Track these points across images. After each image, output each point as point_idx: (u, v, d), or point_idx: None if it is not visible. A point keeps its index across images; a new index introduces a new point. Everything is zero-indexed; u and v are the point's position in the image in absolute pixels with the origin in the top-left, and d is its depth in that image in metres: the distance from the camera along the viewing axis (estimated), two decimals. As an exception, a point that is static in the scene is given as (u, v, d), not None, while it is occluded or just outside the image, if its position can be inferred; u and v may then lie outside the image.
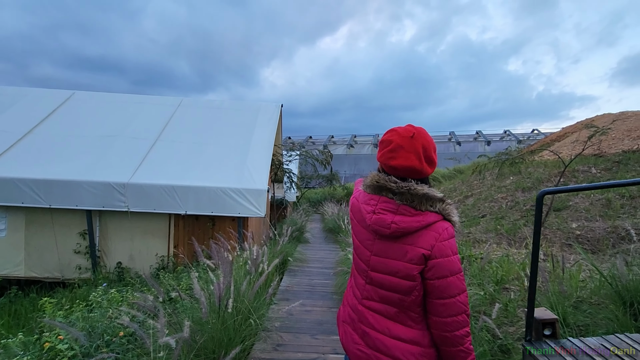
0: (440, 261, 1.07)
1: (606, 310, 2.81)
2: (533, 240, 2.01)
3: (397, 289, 1.13)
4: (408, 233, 1.10)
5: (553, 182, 8.77)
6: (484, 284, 3.83)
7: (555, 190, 1.95)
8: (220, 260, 2.53)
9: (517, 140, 29.52)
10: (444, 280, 1.07)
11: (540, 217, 1.98)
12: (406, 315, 1.15)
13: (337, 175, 14.67)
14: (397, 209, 1.12)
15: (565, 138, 14.52)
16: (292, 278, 5.45)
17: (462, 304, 1.09)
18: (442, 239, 1.08)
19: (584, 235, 5.57)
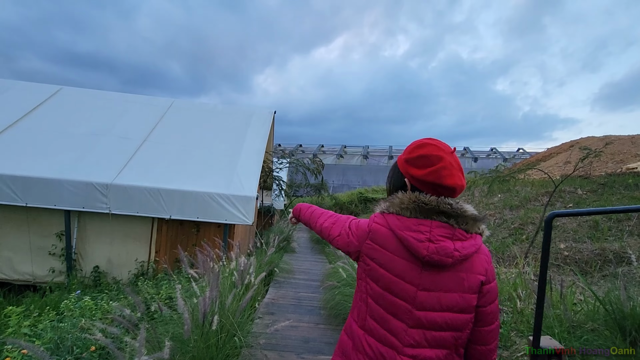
0: (492, 285, 1.02)
1: (602, 337, 2.76)
2: (541, 266, 1.92)
3: (453, 325, 0.97)
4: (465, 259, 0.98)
5: (540, 201, 8.87)
6: (476, 304, 3.74)
7: (564, 213, 1.87)
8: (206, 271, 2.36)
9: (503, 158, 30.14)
10: (494, 305, 1.03)
11: (549, 240, 1.90)
12: (456, 355, 1.01)
13: (326, 185, 14.57)
14: (454, 234, 0.98)
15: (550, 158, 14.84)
16: (277, 290, 5.27)
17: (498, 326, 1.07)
18: (490, 261, 1.03)
19: (572, 257, 5.58)
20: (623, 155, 11.45)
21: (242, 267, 3.24)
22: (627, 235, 5.79)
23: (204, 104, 8.40)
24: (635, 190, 7.98)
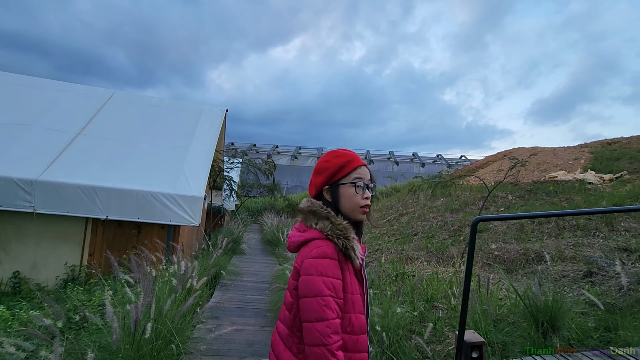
0: (303, 278, 1.03)
1: (520, 328, 3.06)
2: (466, 266, 2.09)
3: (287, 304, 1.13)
4: (296, 248, 1.14)
5: (477, 205, 9.61)
6: (415, 302, 3.96)
7: (487, 218, 2.05)
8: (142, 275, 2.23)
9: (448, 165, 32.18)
10: (304, 301, 1.01)
11: (474, 242, 2.07)
12: (294, 337, 1.08)
13: (279, 186, 14.48)
14: (298, 226, 1.19)
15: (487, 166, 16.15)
16: (223, 293, 5.13)
17: (320, 333, 0.96)
18: (311, 256, 1.04)
19: (501, 256, 6.11)
20: (546, 165, 12.81)
21: (184, 270, 3.11)
22: (546, 236, 6.48)
23: (149, 98, 7.93)
24: (555, 197, 8.96)
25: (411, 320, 3.52)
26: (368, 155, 34.11)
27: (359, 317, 1.08)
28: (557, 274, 4.93)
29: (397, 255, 6.97)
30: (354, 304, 1.07)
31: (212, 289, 5.30)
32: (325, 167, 1.16)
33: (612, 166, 11.40)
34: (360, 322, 1.08)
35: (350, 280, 1.08)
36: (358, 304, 1.09)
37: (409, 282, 4.71)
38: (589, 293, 3.81)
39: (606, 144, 14.22)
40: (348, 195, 1.13)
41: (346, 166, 1.15)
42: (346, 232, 1.07)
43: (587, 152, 13.55)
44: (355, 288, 1.10)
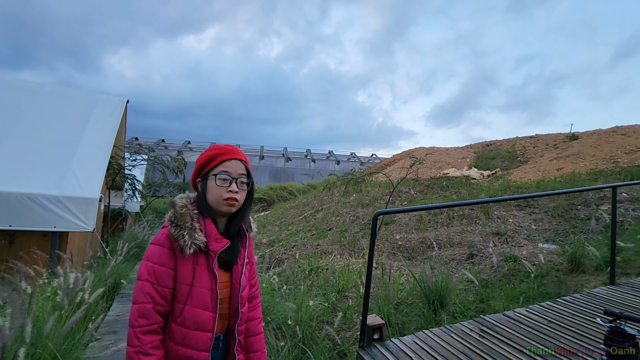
0: None
1: (417, 308, 3.45)
2: (368, 256, 2.28)
3: None
4: None
5: (385, 200, 10.48)
6: (328, 294, 4.15)
7: (386, 212, 2.27)
8: (12, 294, 1.89)
9: (360, 162, 34.25)
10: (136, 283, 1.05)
11: (375, 233, 2.27)
12: None
13: (192, 185, 13.61)
14: None
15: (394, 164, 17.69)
16: (124, 304, 4.64)
17: (132, 315, 1.01)
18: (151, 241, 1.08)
19: (404, 245, 6.78)
20: (441, 163, 14.61)
21: (72, 283, 2.72)
22: (439, 226, 7.40)
23: (26, 82, 6.68)
24: (447, 190, 10.29)
25: (324, 312, 3.68)
26: (286, 152, 34.31)
27: (197, 311, 1.04)
28: (447, 258, 5.68)
29: (312, 250, 7.18)
30: (192, 297, 1.03)
31: (111, 301, 4.75)
32: (197, 161, 1.17)
33: (490, 164, 13.57)
34: (196, 316, 1.03)
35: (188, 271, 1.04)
36: (199, 299, 1.04)
37: (323, 275, 4.92)
38: (470, 272, 4.47)
39: (485, 145, 16.82)
40: (212, 187, 1.12)
41: (214, 159, 1.14)
42: (179, 221, 1.05)
43: (472, 152, 15.84)
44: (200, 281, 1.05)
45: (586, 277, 3.95)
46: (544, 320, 2.39)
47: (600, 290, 2.89)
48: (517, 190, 8.43)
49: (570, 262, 4.18)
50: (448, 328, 2.33)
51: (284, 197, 18.83)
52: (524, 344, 2.07)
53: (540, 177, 9.65)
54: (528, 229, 6.38)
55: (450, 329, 2.32)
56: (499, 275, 4.56)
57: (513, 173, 11.34)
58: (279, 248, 7.75)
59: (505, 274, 4.54)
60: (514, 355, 1.97)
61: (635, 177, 7.34)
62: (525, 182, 9.42)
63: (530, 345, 2.06)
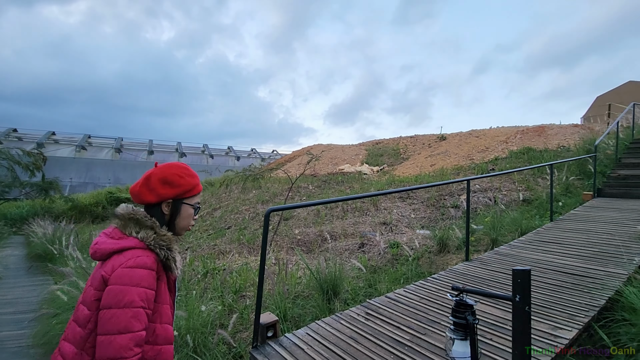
0: (113, 288, 0.96)
1: (312, 300, 3.57)
2: (261, 254, 2.23)
3: (79, 320, 1.00)
4: (106, 256, 1.04)
5: (284, 195, 10.58)
6: (224, 296, 3.97)
7: (278, 208, 2.25)
8: None
9: (262, 158, 33.94)
10: (109, 312, 0.94)
11: (267, 231, 2.23)
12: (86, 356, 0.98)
13: (58, 184, 11.39)
14: (110, 233, 1.09)
15: (294, 160, 18.02)
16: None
17: (121, 346, 0.91)
18: (127, 265, 0.98)
19: (303, 239, 6.96)
20: (337, 160, 15.49)
21: None
22: (335, 219, 7.84)
23: None
24: (342, 185, 10.97)
25: (220, 315, 3.50)
26: (180, 147, 31.69)
27: (165, 327, 1.07)
28: (342, 249, 6.05)
29: (209, 250, 6.79)
30: (161, 314, 1.05)
31: None
32: (180, 184, 1.13)
33: (379, 160, 14.97)
34: (166, 332, 1.07)
35: (162, 290, 1.07)
36: (166, 315, 1.07)
37: (219, 276, 4.69)
38: (360, 261, 4.84)
39: (375, 143, 18.49)
40: (187, 214, 1.16)
41: (195, 188, 1.17)
42: (170, 244, 1.08)
43: (364, 149, 17.22)
44: (166, 298, 1.08)
45: (450, 256, 4.69)
46: (418, 298, 2.73)
47: (459, 267, 3.46)
48: (400, 184, 9.49)
49: (439, 245, 4.90)
50: (338, 315, 2.46)
51: (178, 195, 17.35)
52: (402, 322, 2.32)
53: (418, 172, 11.06)
54: (408, 217, 7.24)
55: (340, 316, 2.45)
56: (385, 261, 5.06)
57: (397, 168, 12.74)
58: (170, 251, 7.10)
59: (389, 259, 5.06)
60: (394, 332, 2.19)
61: (485, 172, 9.03)
62: (406, 176, 10.67)
63: (410, 322, 2.32)
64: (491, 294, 1.15)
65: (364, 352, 1.97)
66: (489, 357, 1.85)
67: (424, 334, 2.14)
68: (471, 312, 1.14)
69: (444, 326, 2.22)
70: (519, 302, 0.87)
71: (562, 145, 9.80)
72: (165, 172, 1.12)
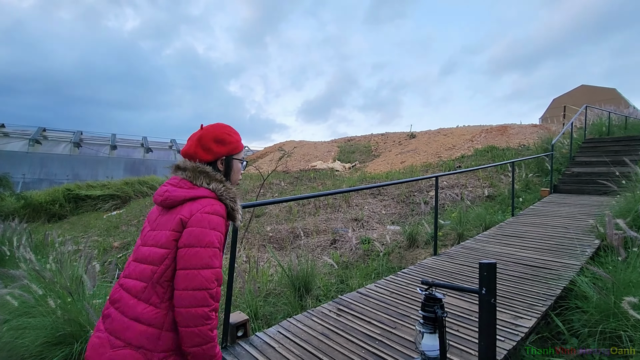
0: (193, 230, 1.08)
1: (284, 297, 3.54)
2: (230, 251, 2.17)
3: (152, 259, 1.10)
4: (177, 203, 1.15)
5: (256, 192, 10.43)
6: (192, 296, 3.85)
7: (248, 205, 2.20)
8: None
9: (232, 154, 33.20)
10: (191, 250, 1.07)
11: (237, 229, 2.17)
12: (157, 288, 1.08)
13: (9, 180, 10.57)
14: (178, 183, 1.19)
15: (265, 156, 17.82)
16: None
17: (205, 279, 1.05)
18: (205, 211, 1.12)
19: (275, 236, 6.90)
20: (309, 156, 15.47)
21: None
22: (307, 215, 7.82)
23: None
24: (314, 182, 10.97)
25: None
26: (146, 142, 30.36)
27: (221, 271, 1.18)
28: (314, 245, 6.05)
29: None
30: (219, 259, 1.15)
31: None
32: (230, 141, 1.27)
33: (350, 157, 15.11)
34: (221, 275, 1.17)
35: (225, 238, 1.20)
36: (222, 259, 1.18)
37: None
38: (332, 257, 4.87)
39: (347, 140, 18.64)
40: (237, 169, 1.33)
41: (241, 145, 1.33)
42: (235, 197, 1.23)
43: (336, 146, 17.32)
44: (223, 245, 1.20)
45: (419, 250, 4.81)
46: (388, 292, 2.77)
47: (428, 261, 3.55)
48: (371, 181, 9.63)
49: (409, 240, 5.01)
50: (310, 312, 2.45)
51: (144, 192, 16.65)
52: (373, 316, 2.35)
53: (389, 168, 11.27)
54: (379, 213, 7.36)
55: (312, 312, 2.44)
56: (356, 257, 5.11)
57: (369, 165, 12.92)
58: (135, 251, 6.80)
59: (361, 255, 5.12)
60: (365, 327, 2.21)
61: (452, 169, 9.36)
62: (377, 173, 10.85)
63: (381, 316, 2.34)
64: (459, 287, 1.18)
65: (335, 348, 1.97)
66: (457, 348, 1.91)
67: (395, 328, 2.17)
68: (440, 305, 1.16)
69: (414, 319, 2.26)
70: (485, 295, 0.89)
71: (523, 144, 10.35)
72: (215, 132, 1.25)
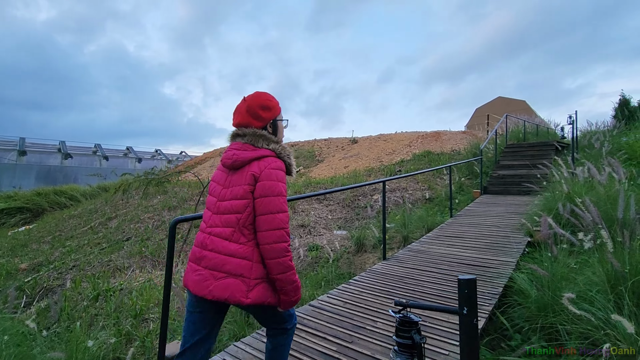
0: (264, 183, 1.33)
1: (229, 315, 3.24)
2: (166, 273, 1.88)
3: (235, 208, 1.34)
4: (246, 163, 1.38)
5: (195, 200, 9.76)
6: (121, 322, 3.36)
7: (185, 218, 1.93)
8: None
9: (168, 160, 31.09)
10: (265, 199, 1.31)
11: (173, 245, 1.89)
12: (240, 233, 1.33)
13: None
14: (241, 147, 1.42)
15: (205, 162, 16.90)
16: None
17: (281, 221, 1.31)
18: (272, 167, 1.36)
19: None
20: (252, 161, 15.02)
21: None
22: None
23: None
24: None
25: (115, 347, 2.93)
26: (64, 147, 27.00)
27: None
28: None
29: (102, 268, 5.80)
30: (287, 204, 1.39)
31: None
32: (273, 106, 1.50)
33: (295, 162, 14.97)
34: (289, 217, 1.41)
35: None
36: None
37: (115, 298, 3.98)
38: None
39: (291, 145, 18.49)
40: (282, 128, 1.57)
41: (279, 107, 1.54)
42: (290, 154, 1.48)
43: (279, 151, 17.08)
44: None
45: (368, 255, 4.82)
46: (342, 303, 2.66)
47: (378, 266, 3.53)
48: (316, 185, 9.57)
49: (357, 245, 5.00)
50: (260, 333, 2.23)
51: (62, 204, 14.70)
52: (328, 331, 2.21)
53: (333, 173, 11.35)
54: (326, 219, 7.31)
55: (262, 333, 2.22)
56: (305, 264, 4.96)
57: (313, 170, 12.90)
58: (48, 273, 5.86)
59: (310, 263, 4.98)
60: (320, 345, 2.06)
61: (393, 173, 9.71)
62: (322, 178, 10.85)
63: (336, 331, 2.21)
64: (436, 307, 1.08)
65: (290, 373, 1.78)
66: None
67: (351, 342, 2.06)
68: (417, 329, 1.06)
69: (370, 331, 2.17)
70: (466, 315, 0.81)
71: (454, 149, 11.15)
72: (259, 101, 1.46)
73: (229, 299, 1.27)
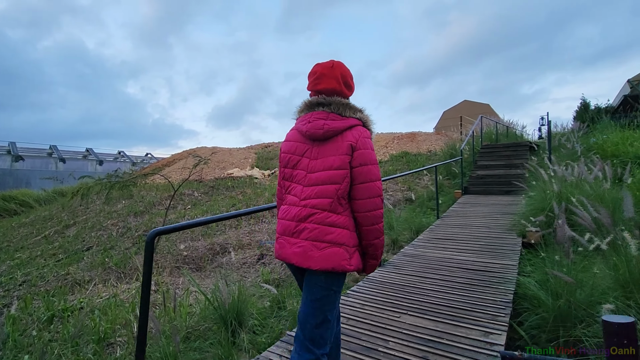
0: (362, 152, 1.36)
1: (211, 335, 2.87)
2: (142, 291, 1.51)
3: (333, 179, 1.35)
4: (338, 132, 1.38)
5: (164, 204, 9.11)
6: (81, 349, 2.88)
7: (166, 230, 1.57)
8: None
9: (132, 162, 29.47)
10: (365, 167, 1.35)
11: (151, 262, 1.53)
12: (338, 203, 1.35)
13: None
14: (328, 116, 1.40)
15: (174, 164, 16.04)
16: None
17: (378, 188, 1.37)
18: (365, 136, 1.39)
19: (190, 255, 5.97)
20: (225, 163, 14.40)
21: None
22: (228, 228, 7.04)
23: None
24: (233, 190, 10.12)
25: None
26: (14, 149, 24.82)
27: None
28: (239, 263, 5.37)
29: (58, 283, 5.16)
30: None
31: None
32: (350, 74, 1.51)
33: (269, 164, 14.53)
34: None
35: None
36: None
37: (74, 320, 3.46)
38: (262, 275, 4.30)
39: (265, 146, 18.01)
40: None
41: None
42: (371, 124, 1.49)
43: (253, 152, 16.55)
44: None
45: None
46: (343, 319, 2.38)
47: (375, 274, 3.29)
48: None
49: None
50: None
51: (11, 210, 13.37)
52: (334, 354, 1.92)
53: (310, 175, 11.07)
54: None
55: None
56: (289, 272, 4.64)
57: (289, 172, 12.55)
58: (-8, 291, 5.12)
59: (294, 270, 4.65)
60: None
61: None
62: (299, 180, 10.54)
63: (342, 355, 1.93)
64: None
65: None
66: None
67: (363, 367, 1.78)
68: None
69: (383, 354, 1.91)
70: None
71: (431, 150, 11.23)
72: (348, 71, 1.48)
73: (335, 268, 1.29)
